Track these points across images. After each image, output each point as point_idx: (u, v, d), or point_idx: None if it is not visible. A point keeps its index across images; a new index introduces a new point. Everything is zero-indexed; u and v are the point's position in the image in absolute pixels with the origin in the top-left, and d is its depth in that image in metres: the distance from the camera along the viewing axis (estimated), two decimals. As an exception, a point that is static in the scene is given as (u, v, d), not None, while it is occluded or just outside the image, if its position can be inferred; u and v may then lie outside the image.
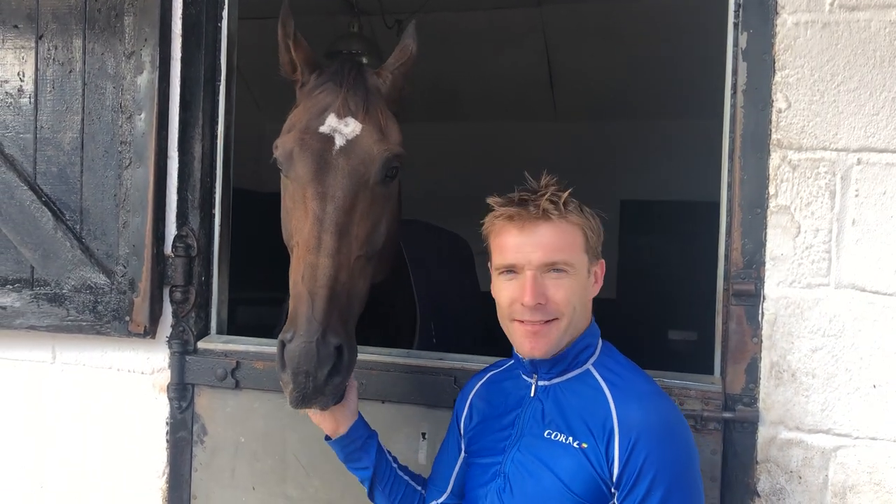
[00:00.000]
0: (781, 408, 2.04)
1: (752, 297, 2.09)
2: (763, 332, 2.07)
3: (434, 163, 7.23)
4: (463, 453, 1.95)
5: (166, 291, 2.59)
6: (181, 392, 2.55)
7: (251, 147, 3.17)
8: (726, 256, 2.14)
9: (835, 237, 2.01)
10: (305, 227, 1.95)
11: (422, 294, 2.93)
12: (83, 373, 2.72)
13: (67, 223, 2.62)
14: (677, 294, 6.46)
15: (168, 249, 2.58)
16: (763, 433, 2.06)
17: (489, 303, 1.89)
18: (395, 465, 2.01)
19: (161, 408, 2.61)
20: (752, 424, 2.07)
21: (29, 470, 2.78)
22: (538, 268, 1.70)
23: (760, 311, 2.07)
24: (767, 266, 2.06)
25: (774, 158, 2.06)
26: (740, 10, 2.12)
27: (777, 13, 2.06)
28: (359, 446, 1.95)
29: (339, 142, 2.04)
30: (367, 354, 2.34)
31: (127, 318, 2.55)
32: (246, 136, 2.76)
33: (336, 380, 1.80)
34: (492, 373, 1.99)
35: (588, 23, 6.03)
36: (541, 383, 1.80)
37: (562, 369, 1.77)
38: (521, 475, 1.72)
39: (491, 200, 1.80)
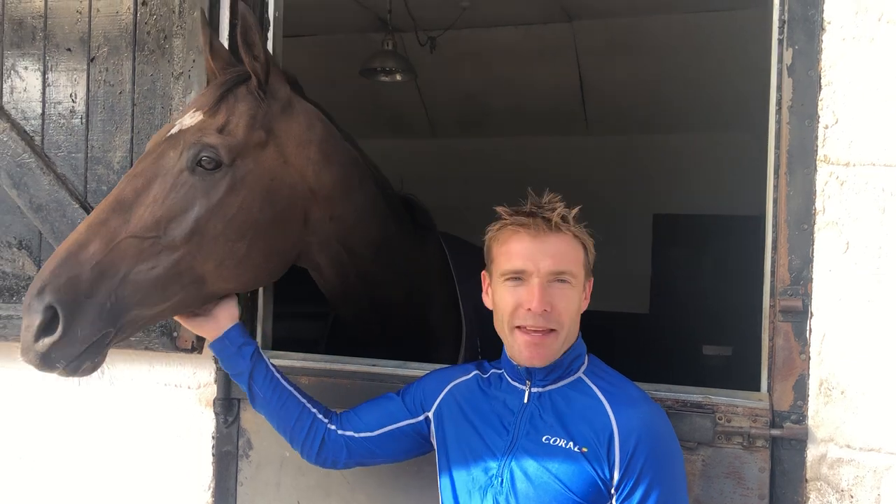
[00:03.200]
0: (831, 425, 2.02)
1: (799, 314, 2.07)
2: (811, 348, 2.05)
3: (466, 177, 7.28)
4: (412, 425, 2.02)
5: (213, 307, 2.63)
6: (227, 407, 2.59)
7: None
8: (772, 272, 2.13)
9: (885, 253, 2.00)
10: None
11: (468, 310, 2.95)
12: (131, 387, 2.77)
13: (117, 240, 2.67)
14: (712, 309, 6.42)
15: (215, 266, 2.63)
16: (812, 451, 2.04)
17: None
18: (277, 374, 2.10)
19: (207, 422, 2.65)
20: (800, 442, 2.05)
21: (75, 482, 2.83)
22: (546, 276, 1.78)
23: (808, 328, 2.06)
24: (815, 282, 2.05)
25: (822, 174, 2.05)
26: (785, 27, 2.12)
27: (823, 29, 2.06)
28: (234, 351, 2.06)
29: (173, 130, 2.11)
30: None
31: (175, 334, 2.59)
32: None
33: (45, 341, 1.82)
34: (478, 373, 2.02)
35: (619, 37, 6.04)
36: (534, 390, 1.86)
37: (557, 376, 1.85)
38: (521, 478, 1.76)
39: (500, 210, 1.88)
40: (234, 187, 2.04)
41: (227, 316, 2.10)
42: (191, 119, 2.09)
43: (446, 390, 2.02)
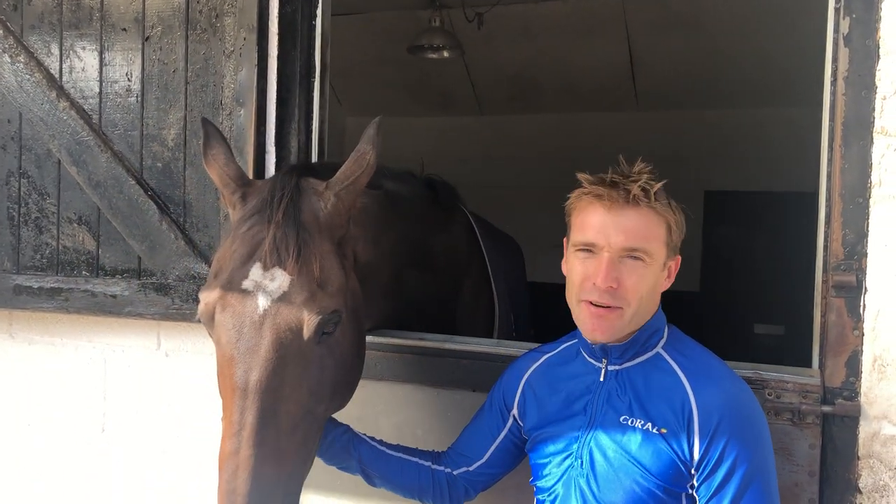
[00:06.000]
0: (885, 402, 1.99)
1: (853, 289, 2.04)
2: (865, 324, 2.01)
3: (514, 155, 7.25)
4: (508, 431, 1.98)
5: (264, 281, 2.68)
6: (278, 378, 2.64)
7: (335, 141, 3.25)
8: (825, 247, 2.09)
9: (943, 227, 1.95)
10: (227, 410, 1.73)
11: (500, 289, 2.95)
12: (185, 359, 2.85)
13: (172, 216, 2.75)
14: (764, 287, 6.32)
15: (266, 241, 2.67)
16: (865, 428, 2.01)
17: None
18: (381, 448, 2.04)
19: (259, 393, 2.71)
20: (852, 419, 2.02)
21: (133, 448, 2.93)
22: (617, 251, 1.70)
23: (862, 303, 2.02)
24: (870, 257, 2.01)
25: (878, 146, 2.00)
26: (842, -5, 2.07)
27: (882, -4, 2.00)
28: (338, 447, 2.00)
29: (262, 303, 1.73)
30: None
31: (228, 307, 2.65)
32: (330, 131, 2.83)
33: None
34: (548, 355, 1.99)
35: (670, 11, 5.92)
36: (611, 368, 1.80)
37: (633, 353, 1.78)
38: (599, 459, 1.73)
39: (581, 177, 1.78)
40: (344, 332, 1.87)
41: None
42: (274, 282, 1.76)
43: (523, 382, 1.98)
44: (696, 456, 1.64)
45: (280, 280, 1.75)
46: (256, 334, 1.73)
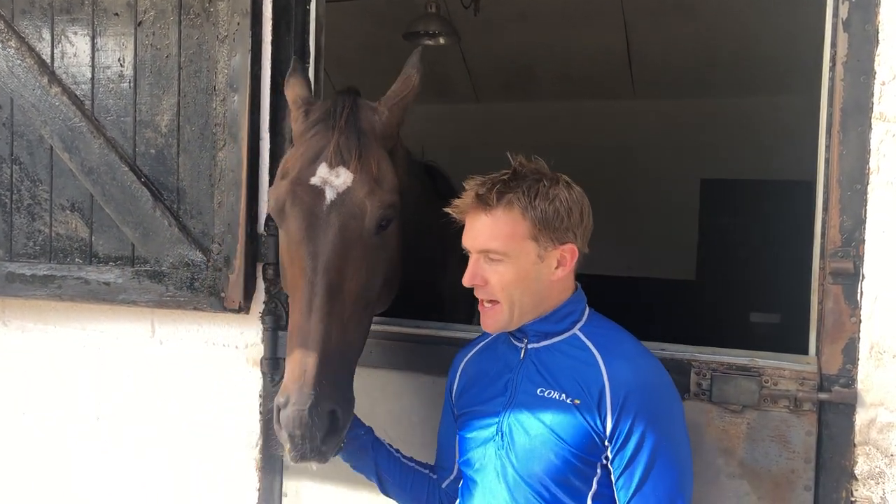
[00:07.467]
0: (882, 389, 1.98)
1: (850, 276, 2.03)
2: (862, 311, 2.01)
3: (510, 143, 7.21)
4: (456, 421, 2.02)
5: (259, 269, 2.67)
6: (274, 366, 2.64)
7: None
8: (823, 234, 2.08)
9: (942, 214, 1.94)
10: (298, 288, 1.95)
11: None
12: (180, 347, 2.84)
13: (165, 202, 2.73)
14: (759, 276, 6.31)
15: (261, 228, 2.66)
16: (861, 415, 2.00)
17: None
18: (398, 455, 2.11)
19: (254, 381, 2.71)
20: (849, 406, 2.02)
21: (125, 439, 2.92)
22: (478, 253, 1.84)
23: (859, 290, 2.01)
24: (868, 244, 2.00)
25: (877, 132, 1.99)
26: (841, -21, 2.05)
27: (881, -19, 1.98)
28: (358, 445, 2.04)
29: (329, 195, 1.98)
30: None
31: (222, 295, 2.64)
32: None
33: (333, 438, 1.85)
34: (482, 343, 2.06)
35: (666, -1, 5.89)
36: (531, 346, 1.88)
37: (548, 332, 1.86)
38: (518, 431, 1.81)
39: (466, 183, 1.90)
40: (394, 233, 2.11)
41: None
42: (339, 178, 2.00)
43: (459, 371, 2.07)
44: (609, 428, 1.72)
45: (344, 177, 2.00)
46: (325, 221, 1.97)
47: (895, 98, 1.97)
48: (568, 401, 1.76)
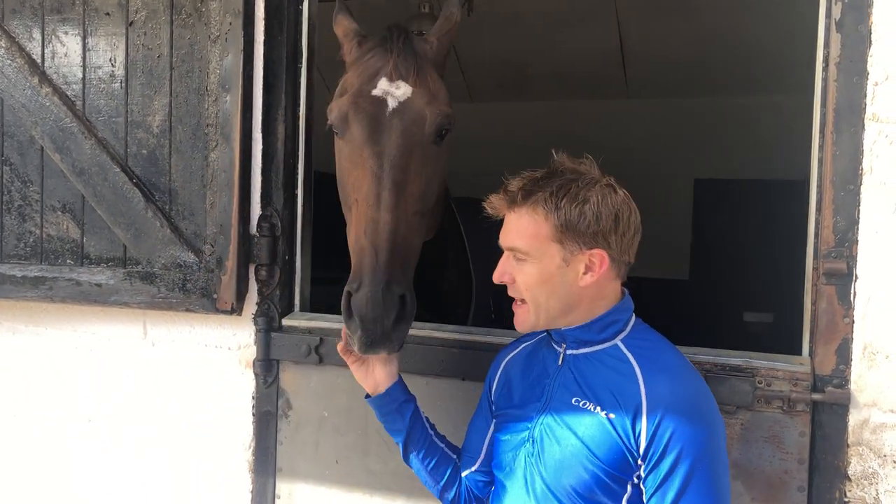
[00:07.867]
0: (875, 390, 1.99)
1: (843, 277, 2.03)
2: (856, 312, 2.01)
3: (504, 142, 7.21)
4: (493, 420, 1.99)
5: (252, 270, 2.66)
6: (266, 367, 2.63)
7: (323, 128, 3.20)
8: (816, 234, 2.09)
9: (935, 214, 1.94)
10: (364, 185, 2.05)
11: (478, 267, 2.95)
12: (172, 348, 2.82)
13: (157, 203, 2.71)
14: (753, 275, 6.32)
15: (253, 229, 2.65)
16: (855, 416, 2.01)
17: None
18: (431, 432, 2.08)
19: (247, 382, 2.70)
20: (842, 407, 2.02)
21: (118, 441, 2.91)
22: (507, 250, 1.83)
23: (853, 291, 2.01)
24: (861, 244, 2.00)
25: (870, 133, 1.99)
26: (834, -20, 2.05)
27: (874, -19, 1.99)
28: (394, 408, 2.04)
29: (391, 104, 2.13)
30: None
31: (214, 296, 2.63)
32: (318, 117, 2.79)
33: (401, 326, 1.92)
34: (525, 343, 2.02)
35: (660, -1, 5.90)
36: (569, 352, 1.82)
37: (588, 340, 1.80)
38: (549, 440, 1.75)
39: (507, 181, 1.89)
40: (446, 150, 2.25)
41: (384, 374, 2.06)
42: (400, 90, 2.16)
43: (500, 370, 2.02)
44: (643, 445, 1.64)
45: (404, 88, 2.16)
46: (388, 127, 2.11)
47: (888, 99, 1.97)
48: (602, 414, 1.69)
